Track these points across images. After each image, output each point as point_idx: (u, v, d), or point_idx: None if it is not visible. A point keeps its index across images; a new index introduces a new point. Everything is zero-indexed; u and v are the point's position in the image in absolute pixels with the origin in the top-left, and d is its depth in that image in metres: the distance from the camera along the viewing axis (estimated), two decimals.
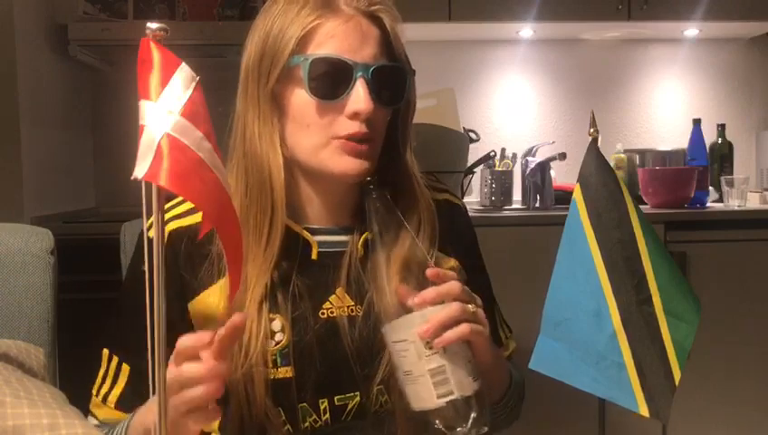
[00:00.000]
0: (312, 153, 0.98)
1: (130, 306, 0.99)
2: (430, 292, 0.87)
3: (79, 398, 1.02)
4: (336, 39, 0.95)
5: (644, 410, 0.84)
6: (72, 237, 2.13)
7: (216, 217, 0.62)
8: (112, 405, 1.02)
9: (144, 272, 0.87)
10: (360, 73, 0.95)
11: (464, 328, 0.87)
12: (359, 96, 0.95)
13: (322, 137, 0.97)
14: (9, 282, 1.16)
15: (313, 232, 1.03)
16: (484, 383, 0.89)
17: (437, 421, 0.87)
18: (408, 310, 0.88)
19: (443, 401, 0.86)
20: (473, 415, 0.87)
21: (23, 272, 1.17)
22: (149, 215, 0.60)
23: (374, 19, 0.98)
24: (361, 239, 1.02)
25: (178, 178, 0.58)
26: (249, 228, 0.97)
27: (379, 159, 1.01)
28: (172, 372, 0.76)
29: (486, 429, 0.88)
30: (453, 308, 0.87)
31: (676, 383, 0.86)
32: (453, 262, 1.08)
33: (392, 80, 0.99)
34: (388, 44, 0.99)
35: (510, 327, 1.18)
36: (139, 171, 0.57)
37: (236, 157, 1.01)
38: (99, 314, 1.11)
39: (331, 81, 0.95)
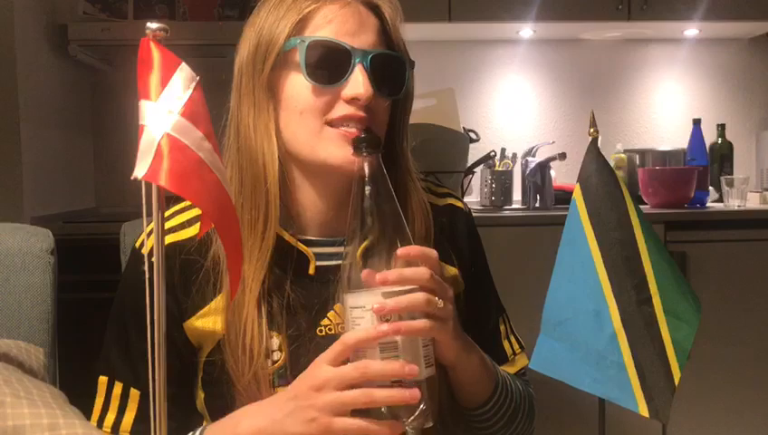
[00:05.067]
0: (308, 143, 0.94)
1: (133, 327, 0.96)
2: (393, 273, 0.82)
3: (79, 398, 1.02)
4: (334, 24, 0.92)
5: (644, 411, 0.84)
6: (71, 237, 2.13)
7: (216, 218, 0.62)
8: (128, 432, 0.97)
9: (144, 282, 0.86)
10: (358, 59, 0.91)
11: (422, 324, 0.82)
12: (357, 81, 0.91)
13: (317, 123, 0.93)
14: (9, 282, 1.16)
15: (311, 244, 0.98)
16: (440, 375, 0.85)
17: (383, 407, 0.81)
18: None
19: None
20: (421, 406, 0.81)
21: (23, 272, 1.17)
22: (149, 215, 0.60)
23: (373, 8, 0.96)
24: (360, 249, 0.91)
25: (178, 178, 0.58)
26: (244, 226, 0.93)
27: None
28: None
29: (431, 424, 0.82)
30: (415, 298, 0.82)
31: (676, 383, 0.86)
32: (453, 270, 1.04)
33: (391, 69, 0.95)
34: (387, 35, 0.97)
35: (522, 343, 1.12)
36: (139, 171, 0.57)
37: (230, 155, 0.97)
38: (99, 314, 1.10)
39: (328, 65, 0.92)
